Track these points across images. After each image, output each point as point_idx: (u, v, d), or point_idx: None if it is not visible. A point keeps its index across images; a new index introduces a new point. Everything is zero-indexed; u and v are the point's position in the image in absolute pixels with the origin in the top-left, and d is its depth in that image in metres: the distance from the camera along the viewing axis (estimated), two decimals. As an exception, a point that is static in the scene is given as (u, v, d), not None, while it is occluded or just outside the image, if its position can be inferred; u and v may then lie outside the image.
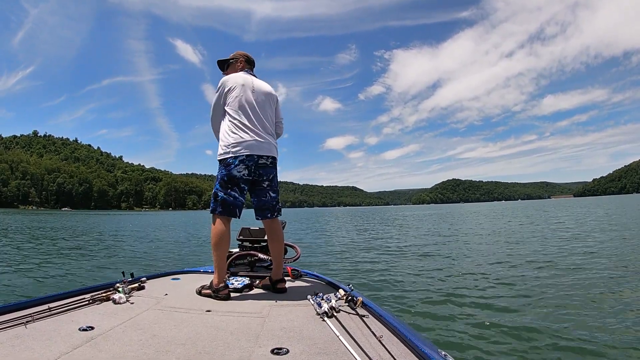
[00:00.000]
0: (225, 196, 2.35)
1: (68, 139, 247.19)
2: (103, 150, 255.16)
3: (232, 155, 2.36)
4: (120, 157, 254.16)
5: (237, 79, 2.51)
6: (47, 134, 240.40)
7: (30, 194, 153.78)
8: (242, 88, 2.47)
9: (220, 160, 2.42)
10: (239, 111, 2.43)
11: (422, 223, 25.14)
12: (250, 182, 2.46)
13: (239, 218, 2.42)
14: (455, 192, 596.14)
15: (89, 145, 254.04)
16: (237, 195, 2.37)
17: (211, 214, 2.39)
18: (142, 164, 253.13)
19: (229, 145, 2.38)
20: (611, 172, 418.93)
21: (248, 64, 2.72)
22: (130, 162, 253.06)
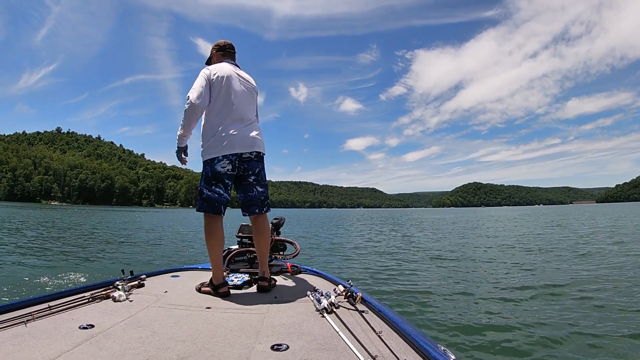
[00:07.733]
0: (210, 193, 2.27)
1: (91, 136, 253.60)
2: (125, 148, 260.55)
3: (214, 155, 2.26)
4: (142, 155, 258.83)
5: (224, 68, 2.36)
6: (70, 131, 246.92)
7: (53, 190, 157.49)
8: (229, 79, 2.32)
9: (203, 161, 2.33)
10: (224, 104, 2.29)
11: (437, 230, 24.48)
12: (235, 178, 2.36)
13: (223, 215, 2.33)
14: (476, 195, 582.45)
15: (112, 143, 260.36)
16: (221, 191, 2.28)
17: (202, 212, 2.32)
18: (163, 162, 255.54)
19: (210, 145, 2.27)
20: (634, 177, 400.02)
21: (223, 52, 2.53)
22: (152, 160, 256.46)
